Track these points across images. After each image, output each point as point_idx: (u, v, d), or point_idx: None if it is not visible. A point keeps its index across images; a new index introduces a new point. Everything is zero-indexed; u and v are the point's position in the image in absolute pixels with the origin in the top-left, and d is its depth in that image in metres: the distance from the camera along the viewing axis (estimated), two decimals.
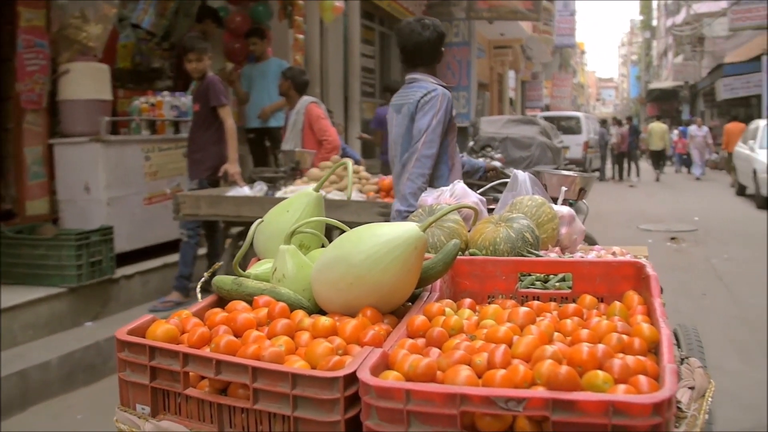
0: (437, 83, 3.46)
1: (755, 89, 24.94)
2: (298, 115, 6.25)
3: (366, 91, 13.03)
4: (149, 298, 5.95)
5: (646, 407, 1.13)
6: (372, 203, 4.67)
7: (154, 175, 6.49)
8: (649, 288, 1.70)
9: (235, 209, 4.93)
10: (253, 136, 8.17)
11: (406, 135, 3.43)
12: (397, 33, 3.53)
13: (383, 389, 1.23)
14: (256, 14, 8.32)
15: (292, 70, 6.53)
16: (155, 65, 7.98)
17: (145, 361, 1.47)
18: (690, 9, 34.34)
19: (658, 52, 54.42)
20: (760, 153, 14.37)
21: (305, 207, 2.02)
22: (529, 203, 2.39)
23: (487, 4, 15.15)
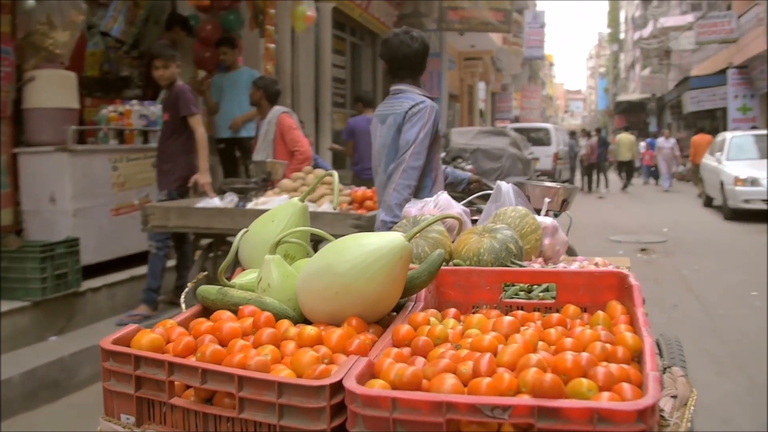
0: (423, 95, 3.49)
1: (720, 102, 25.38)
2: (269, 126, 6.18)
3: (337, 102, 13.01)
4: (116, 311, 5.83)
5: (630, 414, 1.15)
6: (345, 215, 4.62)
7: (122, 185, 6.38)
8: (631, 298, 1.72)
9: (206, 221, 4.85)
10: (223, 146, 8.08)
11: (391, 145, 3.44)
12: (385, 44, 3.53)
13: (369, 398, 1.25)
14: (226, 23, 8.24)
15: (264, 80, 6.47)
16: (124, 73, 7.87)
17: (130, 371, 1.47)
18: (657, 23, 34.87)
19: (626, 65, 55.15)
20: (727, 165, 14.59)
21: (290, 217, 2.04)
22: (513, 214, 2.42)
23: (458, 16, 15.21)
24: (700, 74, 27.92)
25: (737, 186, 13.61)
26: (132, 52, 7.90)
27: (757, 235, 11.94)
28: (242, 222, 4.63)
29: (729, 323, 6.39)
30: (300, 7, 8.53)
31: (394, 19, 14.60)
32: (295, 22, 8.78)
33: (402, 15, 14.94)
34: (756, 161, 14.49)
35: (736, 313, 6.69)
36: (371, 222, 4.46)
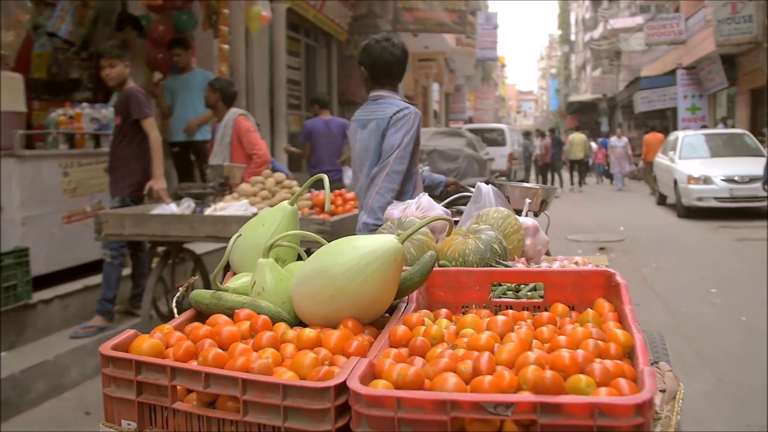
0: (404, 101, 3.59)
1: (670, 102, 25.93)
2: (226, 128, 6.04)
3: (292, 104, 12.94)
4: (69, 323, 5.65)
5: (629, 408, 1.19)
6: (308, 220, 4.51)
7: (74, 192, 6.18)
8: (619, 295, 1.78)
9: (162, 228, 4.69)
10: (177, 150, 7.91)
11: (375, 150, 3.50)
12: (366, 51, 3.60)
13: (374, 398, 1.28)
14: (179, 23, 8.07)
15: (221, 81, 6.31)
16: (73, 76, 7.66)
17: (131, 376, 1.48)
18: (607, 24, 35.33)
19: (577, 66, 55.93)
20: (680, 164, 14.84)
21: (281, 221, 2.06)
22: (495, 215, 2.47)
23: (413, 17, 15.20)
24: (650, 75, 28.46)
25: (690, 184, 13.86)
26: (81, 53, 7.69)
27: (711, 232, 12.17)
28: (200, 229, 4.50)
29: (692, 322, 6.45)
30: (255, 7, 8.38)
31: (349, 21, 14.55)
32: (250, 23, 8.63)
33: (356, 16, 14.88)
34: (707, 160, 14.80)
35: (699, 311, 6.77)
36: (336, 227, 4.35)
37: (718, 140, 15.84)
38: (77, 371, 5.13)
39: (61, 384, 4.95)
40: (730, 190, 13.28)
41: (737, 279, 8.28)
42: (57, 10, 7.18)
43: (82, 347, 5.22)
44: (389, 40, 3.61)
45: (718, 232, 12.05)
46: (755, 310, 6.74)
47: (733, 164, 14.07)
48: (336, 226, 4.42)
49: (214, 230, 4.55)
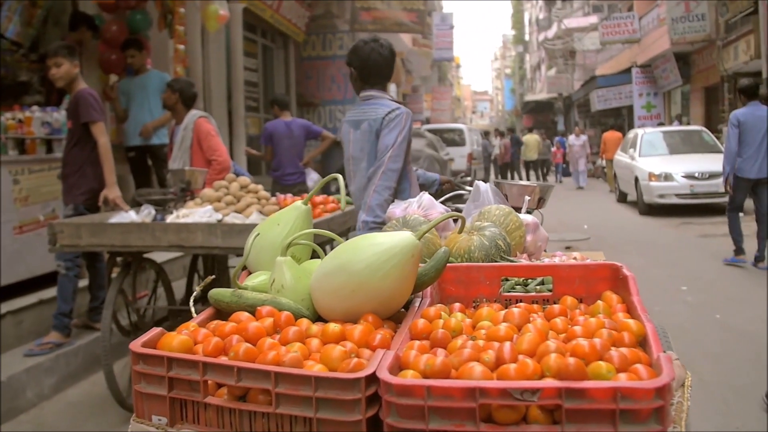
0: (394, 101, 3.69)
1: (626, 100, 26.26)
2: (186, 131, 5.79)
3: (250, 106, 12.75)
4: (24, 340, 5.35)
5: (649, 391, 1.26)
6: None
7: (25, 200, 5.88)
8: (627, 287, 1.87)
9: (122, 238, 4.41)
10: (133, 154, 7.65)
11: (370, 150, 3.60)
12: (355, 52, 3.71)
13: (404, 387, 1.33)
14: (133, 23, 7.82)
15: (180, 82, 6.05)
16: (22, 78, 7.29)
17: (162, 372, 1.52)
18: (561, 24, 35.63)
19: (532, 66, 56.38)
20: (640, 161, 14.95)
21: (295, 220, 2.12)
22: (497, 212, 2.53)
23: (371, 17, 15.07)
24: (605, 73, 28.77)
25: (652, 181, 13.97)
26: (30, 55, 7.34)
27: (673, 229, 12.27)
28: (163, 237, 4.24)
29: (666, 320, 6.37)
30: (212, 6, 8.17)
31: (306, 21, 14.37)
32: (207, 22, 8.39)
33: (314, 16, 14.72)
34: (667, 157, 14.95)
35: (671, 309, 6.75)
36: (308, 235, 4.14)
37: (677, 137, 16.00)
38: (33, 392, 4.85)
39: (16, 406, 4.67)
40: (691, 187, 13.40)
41: (706, 276, 8.30)
42: (3, 10, 6.87)
43: (37, 366, 4.93)
44: (377, 41, 3.71)
45: (681, 229, 12.14)
46: (728, 308, 6.73)
47: (692, 161, 14.20)
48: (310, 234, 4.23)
49: (178, 239, 4.30)
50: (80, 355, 5.36)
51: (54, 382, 5.06)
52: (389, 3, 15.33)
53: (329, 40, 15.31)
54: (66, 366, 5.20)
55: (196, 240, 4.25)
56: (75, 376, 5.27)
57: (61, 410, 4.80)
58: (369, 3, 15.11)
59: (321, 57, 15.37)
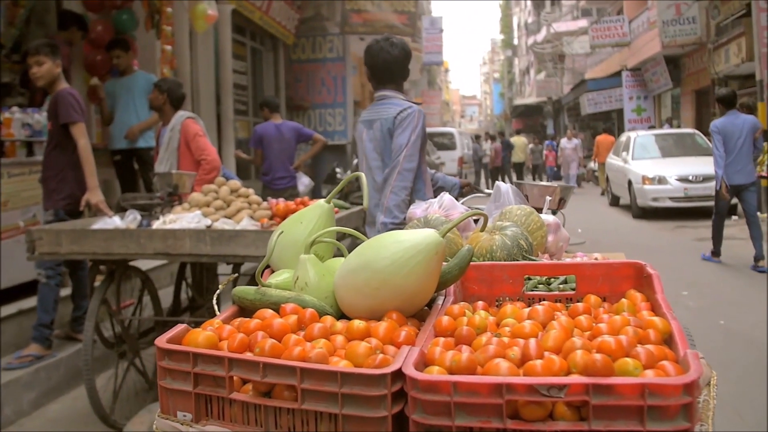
0: (408, 100, 3.70)
1: (616, 104, 26.30)
2: (173, 133, 5.59)
3: (239, 109, 12.60)
4: (2, 353, 5.09)
5: (677, 388, 1.26)
6: (269, 233, 4.00)
7: (5, 205, 5.66)
8: (651, 286, 1.86)
9: (105, 245, 4.15)
10: (119, 158, 7.43)
11: (384, 150, 3.61)
12: (367, 52, 3.74)
13: (430, 383, 1.33)
14: (119, 23, 7.61)
15: (168, 83, 5.84)
16: (4, 79, 7.04)
17: (188, 368, 1.52)
18: (550, 28, 35.60)
19: (521, 70, 56.42)
20: (633, 164, 14.84)
21: (318, 218, 2.12)
22: (519, 212, 2.53)
23: (361, 19, 14.87)
24: (595, 77, 28.74)
25: (645, 185, 13.87)
26: (13, 56, 7.09)
27: (669, 233, 12.16)
28: (149, 245, 4.01)
29: None
30: (200, 6, 7.94)
31: (296, 23, 14.21)
32: (195, 22, 8.17)
33: (303, 19, 14.55)
34: (660, 160, 14.87)
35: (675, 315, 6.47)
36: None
37: (670, 140, 15.94)
38: (11, 408, 4.61)
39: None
40: (685, 190, 13.29)
41: (705, 280, 8.18)
42: None
43: (16, 380, 4.69)
44: (388, 40, 3.72)
45: (676, 233, 12.01)
46: (731, 313, 6.56)
47: (686, 164, 14.10)
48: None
49: (164, 246, 4.07)
50: (62, 369, 5.13)
51: (34, 397, 4.82)
52: (380, 5, 15.15)
53: (319, 43, 15.15)
54: (47, 380, 4.96)
55: (184, 247, 4.03)
56: (56, 390, 5.04)
57: (41, 427, 4.55)
58: (359, 5, 14.92)
59: (311, 60, 15.23)
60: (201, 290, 5.32)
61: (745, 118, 8.77)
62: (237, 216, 4.43)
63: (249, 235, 3.99)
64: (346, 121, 15.28)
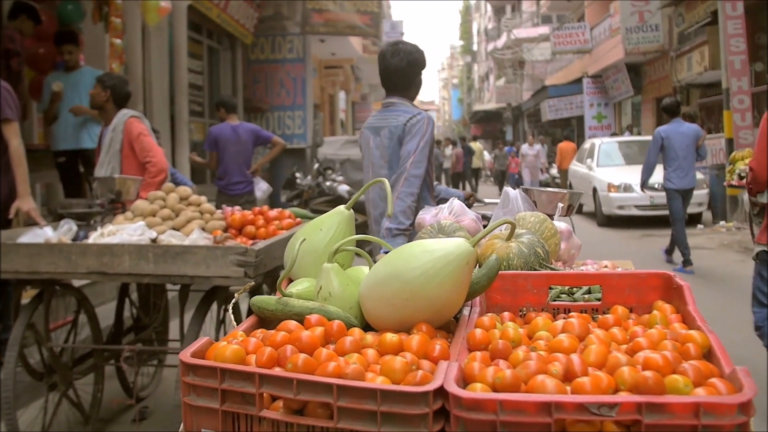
0: (415, 107, 3.71)
1: (577, 110, 26.33)
2: (115, 133, 5.12)
3: (194, 110, 12.25)
4: None
5: (732, 407, 1.23)
6: (225, 249, 3.50)
7: None
8: (682, 297, 1.83)
9: (30, 263, 3.58)
10: (63, 160, 6.92)
11: (391, 157, 3.61)
12: (378, 58, 3.80)
13: (474, 401, 1.29)
14: (64, 14, 7.17)
15: (113, 78, 5.34)
16: None
17: (215, 384, 1.46)
18: (510, 34, 35.60)
19: (480, 76, 56.53)
20: (598, 171, 14.66)
21: (338, 225, 2.06)
22: (533, 219, 2.51)
23: (323, 18, 14.51)
24: (556, 83, 28.74)
25: (611, 192, 13.71)
26: None
27: (636, 241, 12.08)
28: (81, 262, 3.49)
29: None
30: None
31: (255, 22, 13.88)
32: (146, 14, 7.71)
33: (263, 17, 14.20)
34: (625, 167, 14.77)
35: None
36: (261, 257, 3.42)
37: (634, 147, 15.86)
38: None
39: None
40: (651, 198, 13.07)
41: None
42: None
43: None
44: (393, 46, 3.75)
45: (643, 242, 11.87)
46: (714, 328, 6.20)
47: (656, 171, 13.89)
48: (262, 256, 3.49)
49: (99, 264, 3.51)
50: None
51: None
52: (342, 5, 14.81)
53: (279, 43, 14.75)
54: None
55: (122, 265, 3.50)
56: None
57: None
58: (321, 4, 14.56)
59: (270, 60, 14.86)
60: (147, 308, 4.79)
61: (689, 126, 9.27)
62: (186, 227, 3.95)
63: (199, 252, 3.47)
64: (306, 124, 14.90)
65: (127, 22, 7.91)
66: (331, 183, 11.22)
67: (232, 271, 3.40)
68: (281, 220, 4.25)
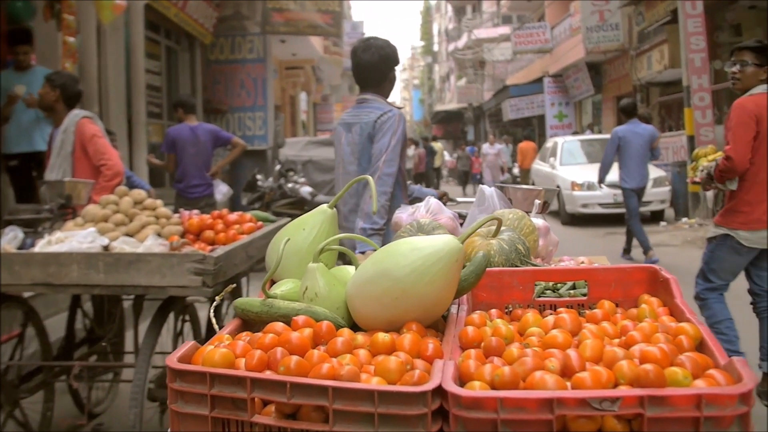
0: (389, 104, 3.70)
1: (538, 110, 26.50)
2: (66, 135, 4.93)
3: (152, 112, 12.06)
4: None
5: (732, 398, 1.24)
6: (181, 257, 3.32)
7: None
8: (669, 290, 1.83)
9: None
10: (15, 163, 6.67)
11: (361, 154, 3.59)
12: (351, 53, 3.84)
13: (474, 400, 1.28)
14: (14, 11, 6.95)
15: (62, 76, 5.14)
16: None
17: (204, 390, 1.42)
18: (471, 34, 35.73)
19: (441, 76, 56.71)
20: (561, 170, 14.70)
21: (321, 224, 2.01)
22: (511, 216, 2.50)
23: (283, 18, 14.34)
24: (517, 83, 28.90)
25: (575, 191, 13.73)
26: None
27: (600, 239, 12.18)
28: (25, 274, 3.26)
29: None
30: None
31: (214, 22, 13.66)
32: (101, 12, 7.47)
33: (222, 17, 13.98)
34: (588, 165, 14.84)
35: None
36: (220, 264, 3.24)
37: (596, 146, 15.90)
38: None
39: None
40: (614, 196, 13.13)
41: None
42: None
43: None
44: (365, 42, 3.75)
45: (607, 240, 11.92)
46: None
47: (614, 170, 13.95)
48: (222, 260, 3.31)
49: (45, 275, 3.28)
50: None
51: None
52: (303, 4, 14.67)
53: (239, 43, 14.52)
54: None
55: (70, 276, 3.28)
56: None
57: None
58: (281, 4, 14.39)
59: (230, 61, 14.62)
60: (101, 319, 4.54)
61: (645, 127, 9.63)
62: (141, 233, 3.76)
63: (153, 260, 3.28)
64: (267, 125, 14.70)
65: (81, 21, 7.70)
66: (293, 185, 11.05)
67: (189, 281, 3.22)
68: (242, 224, 4.07)
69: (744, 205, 4.22)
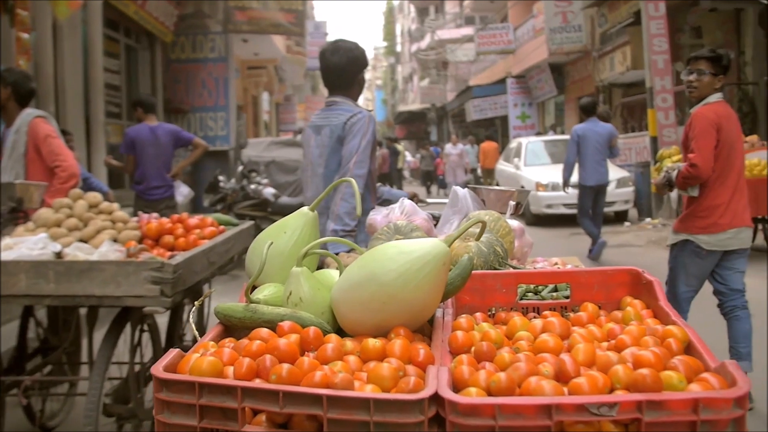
0: (357, 106, 3.71)
1: (501, 110, 26.59)
2: (18, 135, 4.72)
3: (111, 112, 11.82)
4: None
5: (728, 401, 1.26)
6: (138, 265, 3.12)
7: None
8: (652, 292, 1.85)
9: None
10: None
11: (330, 156, 3.59)
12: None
13: (471, 406, 1.28)
14: None
15: (14, 73, 4.91)
16: None
17: (192, 400, 1.39)
18: (434, 35, 35.78)
19: (404, 77, 56.72)
20: (526, 171, 14.73)
21: (303, 227, 1.98)
22: (487, 218, 2.48)
23: (246, 17, 14.15)
24: (480, 84, 28.99)
25: (540, 191, 13.70)
26: None
27: (565, 240, 12.28)
28: None
29: None
30: None
31: (175, 20, 13.48)
32: (56, 8, 7.24)
33: (183, 15, 13.81)
34: (552, 166, 14.87)
35: None
36: (180, 272, 3.07)
37: (560, 146, 15.92)
38: None
39: None
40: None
41: None
42: None
43: None
44: (334, 44, 3.74)
45: (572, 240, 11.95)
46: None
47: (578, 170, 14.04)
48: (182, 267, 3.14)
49: None
50: None
51: None
52: (266, 3, 14.56)
53: (200, 42, 14.32)
54: None
55: (18, 286, 3.07)
56: None
57: None
58: (244, 2, 14.28)
59: (191, 60, 14.42)
60: (56, 327, 4.31)
61: (604, 125, 9.65)
62: (96, 239, 3.54)
63: (108, 268, 3.08)
64: (229, 125, 14.51)
65: (36, 17, 7.52)
66: (256, 186, 10.87)
67: (146, 290, 3.04)
68: (203, 229, 3.90)
69: (702, 210, 4.31)
